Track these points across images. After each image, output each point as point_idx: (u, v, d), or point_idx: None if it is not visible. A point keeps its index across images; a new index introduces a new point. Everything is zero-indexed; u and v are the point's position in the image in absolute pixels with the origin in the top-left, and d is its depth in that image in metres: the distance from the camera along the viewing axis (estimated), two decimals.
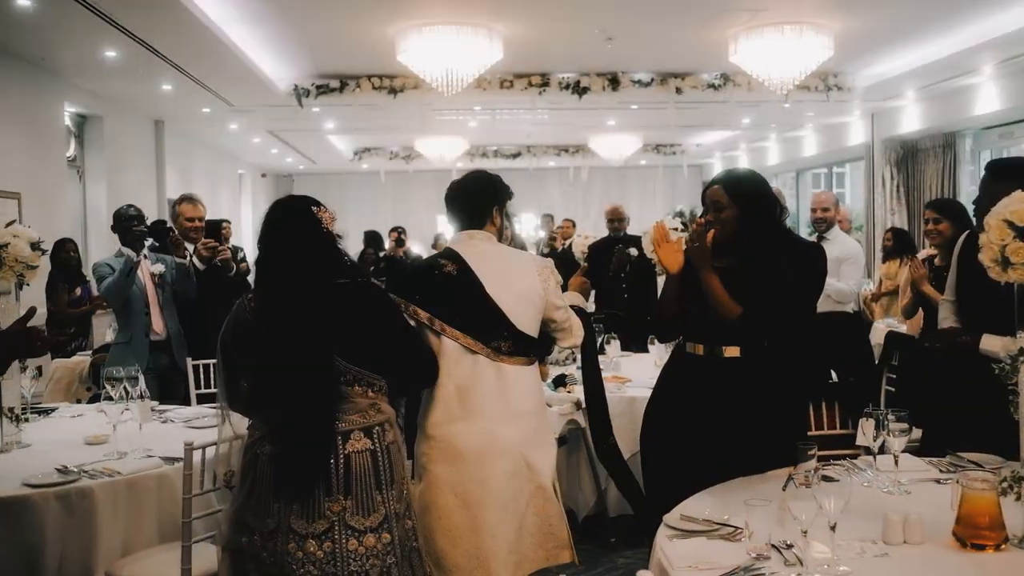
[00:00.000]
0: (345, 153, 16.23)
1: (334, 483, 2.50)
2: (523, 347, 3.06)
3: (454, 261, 3.08)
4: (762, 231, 3.11)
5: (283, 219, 2.64)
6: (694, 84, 9.90)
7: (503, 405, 3.00)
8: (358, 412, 2.58)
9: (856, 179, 15.94)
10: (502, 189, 3.26)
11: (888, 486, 2.70)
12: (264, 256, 2.64)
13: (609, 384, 4.64)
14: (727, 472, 2.86)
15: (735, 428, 3.00)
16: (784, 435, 2.97)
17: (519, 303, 3.04)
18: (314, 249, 2.59)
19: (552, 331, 3.19)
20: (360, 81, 9.50)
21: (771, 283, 3.01)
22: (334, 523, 2.49)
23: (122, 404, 3.35)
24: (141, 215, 4.92)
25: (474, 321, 3.01)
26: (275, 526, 2.49)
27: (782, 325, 3.06)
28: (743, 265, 3.09)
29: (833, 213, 5.41)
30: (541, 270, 3.12)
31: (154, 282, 4.88)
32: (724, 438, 3.00)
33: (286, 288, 2.56)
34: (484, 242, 3.14)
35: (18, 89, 7.59)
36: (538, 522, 3.05)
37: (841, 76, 9.90)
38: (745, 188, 3.17)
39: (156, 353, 4.83)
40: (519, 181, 16.88)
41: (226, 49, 7.54)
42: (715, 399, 3.05)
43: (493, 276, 3.04)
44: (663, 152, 17.24)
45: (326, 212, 2.67)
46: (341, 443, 2.53)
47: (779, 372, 3.07)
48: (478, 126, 13.22)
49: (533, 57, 8.94)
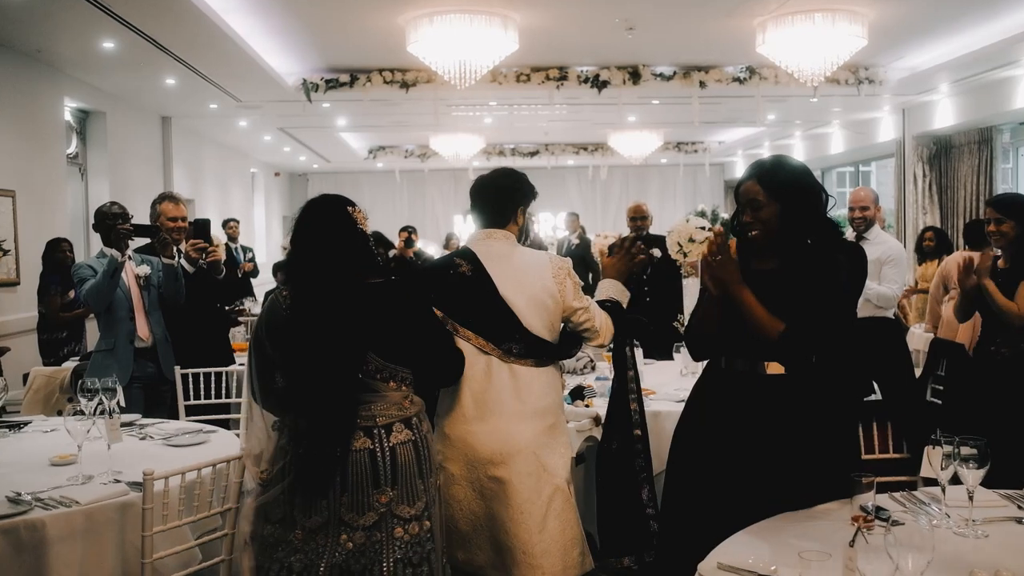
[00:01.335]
0: (360, 151, 15.94)
1: (382, 475, 2.56)
2: (535, 350, 3.05)
3: (469, 261, 3.08)
4: (810, 227, 2.71)
5: (320, 218, 2.69)
6: (718, 78, 9.51)
7: (518, 405, 3.01)
8: (394, 405, 2.64)
9: (883, 177, 15.49)
10: (529, 189, 3.27)
11: (960, 526, 2.31)
12: (300, 254, 2.67)
13: None
14: (768, 505, 2.48)
15: (778, 455, 2.60)
16: (834, 462, 2.60)
17: (532, 305, 3.04)
18: (351, 248, 2.65)
19: (577, 333, 3.17)
20: (371, 75, 9.16)
21: (824, 289, 2.62)
22: (383, 515, 2.56)
23: (88, 420, 2.99)
24: (125, 213, 4.58)
25: (486, 322, 3.03)
26: (324, 521, 2.53)
27: (833, 338, 2.66)
28: (791, 268, 2.70)
29: (873, 211, 4.99)
30: (557, 272, 3.08)
31: (139, 285, 4.52)
32: (765, 466, 2.60)
33: (321, 286, 2.60)
34: (501, 242, 3.14)
35: (13, 82, 7.28)
36: (561, 527, 3.02)
37: (873, 69, 9.48)
38: (783, 179, 2.76)
39: (141, 361, 4.47)
40: (537, 180, 16.60)
41: (229, 41, 7.22)
42: (756, 421, 2.64)
43: (507, 277, 3.04)
44: (684, 150, 16.82)
45: (360, 212, 2.73)
46: (385, 435, 2.59)
47: (828, 390, 2.68)
48: (494, 123, 12.86)
49: (550, 49, 8.57)
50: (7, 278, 7.06)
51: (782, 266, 2.72)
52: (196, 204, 12.17)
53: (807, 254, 2.68)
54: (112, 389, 3.56)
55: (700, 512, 2.68)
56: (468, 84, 7.42)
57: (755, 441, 2.63)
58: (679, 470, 2.84)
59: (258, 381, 2.70)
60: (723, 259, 2.67)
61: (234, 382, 4.70)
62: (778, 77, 9.36)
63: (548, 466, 3.02)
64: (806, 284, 2.63)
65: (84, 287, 4.40)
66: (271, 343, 2.65)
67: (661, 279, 6.44)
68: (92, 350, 4.59)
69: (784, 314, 2.62)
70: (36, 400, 4.55)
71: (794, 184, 2.74)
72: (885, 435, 3.14)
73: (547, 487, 3.00)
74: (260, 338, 2.71)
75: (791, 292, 2.64)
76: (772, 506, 2.47)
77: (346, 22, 7.40)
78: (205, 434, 3.59)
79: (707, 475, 2.70)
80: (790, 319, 2.60)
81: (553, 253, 3.42)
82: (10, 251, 3.73)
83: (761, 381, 2.67)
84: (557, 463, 3.06)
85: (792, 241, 2.71)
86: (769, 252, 2.75)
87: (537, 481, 2.99)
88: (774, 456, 2.60)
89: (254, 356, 2.73)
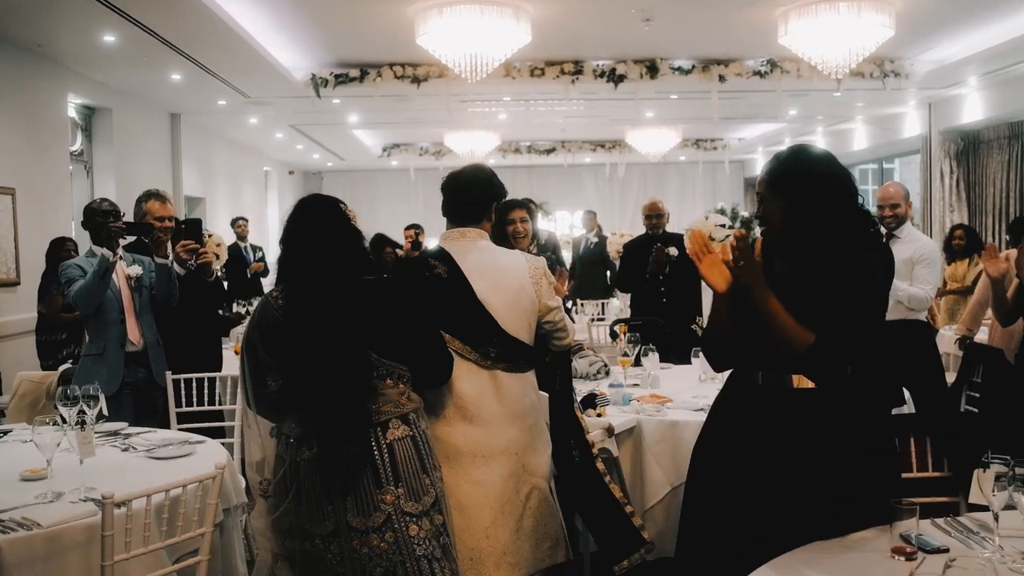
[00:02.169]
0: (373, 149, 15.75)
1: (382, 473, 2.54)
2: (512, 352, 3.03)
3: (444, 262, 3.03)
4: (823, 224, 2.43)
5: (312, 216, 2.68)
6: (738, 71, 9.24)
7: (500, 408, 3.00)
8: (390, 402, 2.63)
9: (907, 174, 15.14)
10: (500, 186, 3.23)
11: (1015, 561, 2.05)
12: (292, 253, 2.67)
13: (647, 405, 4.01)
14: (797, 532, 2.23)
15: (808, 476, 2.34)
16: (870, 484, 2.35)
17: (509, 307, 3.01)
18: (344, 245, 2.65)
19: (548, 333, 3.17)
20: (381, 69, 8.94)
21: (853, 294, 2.35)
22: (390, 514, 2.53)
23: (58, 432, 2.76)
24: (116, 210, 4.36)
25: (464, 325, 2.98)
26: (334, 527, 2.52)
27: (866, 349, 2.40)
28: (804, 270, 2.44)
29: (904, 208, 4.70)
30: (533, 272, 3.09)
31: (130, 286, 4.32)
32: (794, 488, 2.34)
33: (318, 284, 2.58)
34: (476, 241, 3.10)
35: (14, 77, 7.09)
36: (534, 523, 3.04)
37: (899, 61, 9.17)
38: (789, 171, 2.48)
39: (132, 366, 4.25)
40: (553, 178, 16.40)
41: (233, 34, 7.02)
42: (783, 439, 2.38)
43: (483, 278, 3.01)
44: (703, 147, 16.51)
45: (350, 211, 2.74)
46: (381, 433, 2.57)
47: (863, 404, 2.41)
48: (509, 119, 12.60)
49: (565, 42, 8.33)
50: (7, 278, 6.89)
51: (795, 268, 2.47)
52: (207, 202, 12.02)
53: (825, 254, 2.41)
54: (94, 397, 3.35)
55: (722, 539, 2.42)
56: (479, 77, 7.18)
57: (782, 461, 2.37)
58: (699, 490, 2.59)
59: (250, 386, 2.67)
60: (745, 264, 2.40)
61: (228, 388, 4.48)
62: (800, 70, 9.08)
63: (528, 466, 3.04)
64: (826, 288, 2.36)
65: (73, 288, 4.19)
66: (264, 346, 2.61)
67: (678, 279, 6.18)
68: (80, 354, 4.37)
69: (802, 322, 2.36)
70: (21, 407, 4.33)
71: (803, 177, 2.47)
72: (923, 451, 2.87)
73: (525, 487, 3.02)
74: (252, 341, 2.66)
75: (803, 297, 2.37)
76: (801, 533, 2.22)
77: (354, 14, 7.19)
78: (191, 445, 3.37)
79: (729, 497, 2.45)
80: (819, 329, 2.34)
81: (529, 254, 3.30)
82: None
83: (788, 395, 2.41)
84: (538, 462, 3.08)
85: (801, 239, 2.45)
86: (785, 252, 2.50)
87: (517, 482, 3.00)
88: (803, 477, 2.35)
89: (246, 361, 2.68)
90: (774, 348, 2.38)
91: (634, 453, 3.89)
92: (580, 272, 10.38)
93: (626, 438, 3.87)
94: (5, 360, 6.63)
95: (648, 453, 3.82)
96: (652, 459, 3.81)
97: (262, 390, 2.63)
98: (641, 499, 3.85)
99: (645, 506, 3.82)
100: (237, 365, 3.12)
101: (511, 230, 4.39)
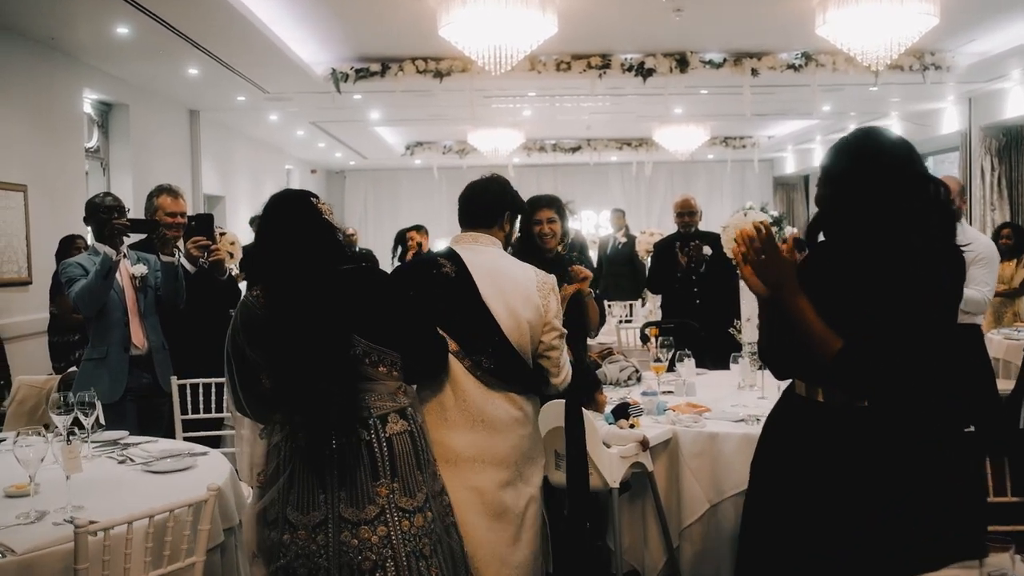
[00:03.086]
0: (396, 148, 15.52)
1: (379, 466, 2.52)
2: (506, 367, 2.91)
3: (453, 262, 2.99)
4: (874, 218, 2.13)
5: (285, 212, 2.68)
6: (771, 65, 8.91)
7: (501, 414, 2.91)
8: (388, 395, 2.62)
9: (942, 172, 14.73)
10: (518, 201, 3.23)
11: None
12: (269, 249, 2.66)
13: (683, 415, 3.74)
14: (870, 568, 1.95)
15: (879, 507, 2.05)
16: (949, 513, 2.06)
17: (512, 315, 2.92)
18: (317, 236, 2.64)
19: (542, 360, 3.02)
20: (403, 64, 8.69)
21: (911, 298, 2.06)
22: (384, 508, 2.51)
23: (43, 445, 2.53)
24: (120, 205, 4.14)
25: (464, 327, 2.92)
26: (323, 518, 2.48)
27: (908, 361, 2.09)
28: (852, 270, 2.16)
29: (960, 203, 4.39)
30: (541, 286, 3.00)
31: (134, 286, 4.09)
32: (862, 520, 2.06)
33: (295, 275, 2.58)
34: (487, 246, 3.06)
35: (27, 71, 6.91)
36: (532, 534, 2.99)
37: (939, 54, 8.81)
38: (843, 155, 2.22)
39: (136, 371, 4.03)
40: (578, 176, 16.14)
41: (250, 27, 6.80)
42: (846, 463, 2.09)
43: (490, 283, 2.95)
44: (732, 145, 16.15)
45: (324, 204, 2.73)
46: (380, 426, 2.56)
47: (931, 425, 2.12)
48: (534, 115, 12.33)
49: (592, 35, 8.04)
50: (17, 277, 6.70)
51: (843, 267, 2.19)
52: (227, 201, 11.84)
53: (881, 254, 2.12)
54: (90, 404, 3.14)
55: (788, 571, 2.14)
56: (504, 70, 6.89)
57: (847, 487, 2.08)
58: (757, 518, 2.30)
59: (243, 390, 2.65)
60: (769, 257, 2.13)
61: None
62: (836, 63, 8.75)
63: (524, 475, 2.98)
64: (880, 284, 2.08)
65: (74, 288, 3.98)
66: (251, 345, 2.60)
67: (713, 279, 5.89)
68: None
69: (844, 329, 2.07)
70: (20, 413, 4.11)
71: (857, 162, 2.19)
72: (1001, 473, 2.57)
73: (524, 496, 2.96)
74: (239, 344, 2.64)
75: (850, 297, 2.09)
76: (873, 569, 1.94)
77: (375, 5, 6.94)
78: (193, 457, 3.14)
79: (791, 528, 2.16)
80: (853, 335, 2.06)
81: (539, 269, 3.13)
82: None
83: (842, 414, 2.12)
84: (532, 471, 3.02)
85: (847, 235, 2.17)
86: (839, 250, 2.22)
87: (515, 490, 2.95)
88: (873, 509, 2.06)
89: (235, 366, 2.66)
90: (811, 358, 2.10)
91: (669, 467, 3.62)
92: (607, 272, 10.09)
93: (661, 451, 3.60)
94: (17, 362, 6.43)
95: (685, 468, 3.55)
96: (689, 474, 3.54)
97: (256, 390, 2.63)
98: (677, 517, 3.58)
99: (682, 525, 3.56)
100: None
101: (537, 230, 4.10)
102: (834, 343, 2.07)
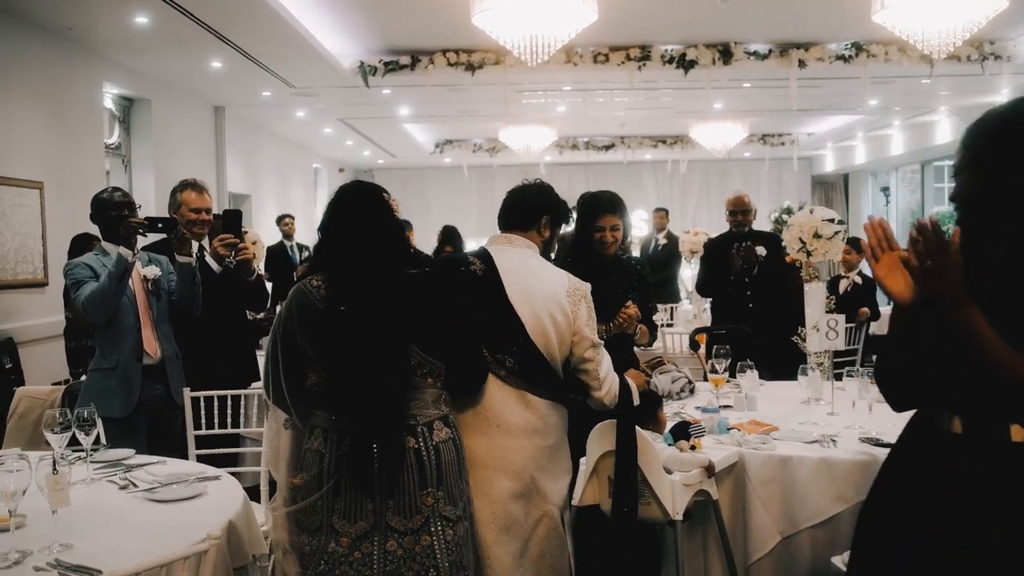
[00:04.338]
0: (426, 146, 15.21)
1: (427, 474, 2.47)
2: (530, 369, 2.82)
3: (483, 261, 2.95)
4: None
5: (358, 205, 2.59)
6: (820, 56, 8.49)
7: (518, 420, 2.81)
8: (432, 403, 2.57)
9: None
10: (561, 206, 3.13)
11: None
12: (333, 240, 2.55)
13: (749, 435, 3.35)
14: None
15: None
16: None
17: (538, 317, 2.83)
18: (389, 233, 2.58)
19: (580, 374, 2.91)
20: (433, 56, 8.35)
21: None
22: (428, 517, 2.46)
23: (23, 476, 2.18)
24: (131, 201, 3.81)
25: (488, 325, 2.83)
26: (370, 527, 2.42)
27: None
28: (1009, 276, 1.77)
29: None
30: (572, 292, 2.90)
31: (146, 289, 3.76)
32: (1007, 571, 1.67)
33: (363, 274, 2.49)
34: (521, 248, 3.00)
35: (44, 64, 6.63)
36: (540, 552, 2.85)
37: (999, 43, 8.34)
38: (998, 131, 1.83)
39: (148, 383, 3.69)
40: (610, 175, 15.70)
41: (275, 15, 6.50)
42: (994, 511, 1.71)
43: (518, 283, 2.89)
44: (770, 143, 15.67)
45: (394, 200, 2.68)
46: (428, 433, 2.50)
47: None
48: (567, 111, 11.94)
49: (631, 25, 7.67)
50: (33, 278, 6.41)
51: (1000, 273, 1.79)
52: (253, 199, 11.58)
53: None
54: (91, 422, 2.81)
55: None
56: (540, 61, 6.52)
57: (995, 540, 1.69)
58: (870, 563, 1.91)
59: (286, 380, 2.52)
60: (934, 265, 1.72)
61: (254, 407, 3.90)
62: (888, 54, 8.31)
63: (541, 490, 2.85)
64: None
65: (83, 292, 3.64)
66: (305, 337, 2.48)
67: (767, 282, 5.48)
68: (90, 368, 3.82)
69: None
70: (21, 427, 3.78)
71: (1004, 139, 1.80)
72: None
73: (536, 510, 2.84)
74: (290, 333, 2.52)
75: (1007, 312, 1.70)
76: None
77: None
78: (204, 483, 2.79)
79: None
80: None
81: (573, 276, 2.99)
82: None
83: (1000, 451, 1.73)
84: (553, 488, 2.89)
85: (1006, 234, 1.78)
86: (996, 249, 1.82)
87: (527, 503, 2.83)
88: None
89: (281, 353, 2.52)
90: (980, 386, 1.70)
91: (735, 494, 3.23)
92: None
93: (725, 476, 3.20)
94: (32, 367, 6.15)
95: (753, 495, 3.16)
96: (758, 502, 3.15)
97: (301, 383, 2.52)
98: (744, 551, 3.18)
99: (750, 559, 3.16)
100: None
101: (599, 237, 3.79)
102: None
